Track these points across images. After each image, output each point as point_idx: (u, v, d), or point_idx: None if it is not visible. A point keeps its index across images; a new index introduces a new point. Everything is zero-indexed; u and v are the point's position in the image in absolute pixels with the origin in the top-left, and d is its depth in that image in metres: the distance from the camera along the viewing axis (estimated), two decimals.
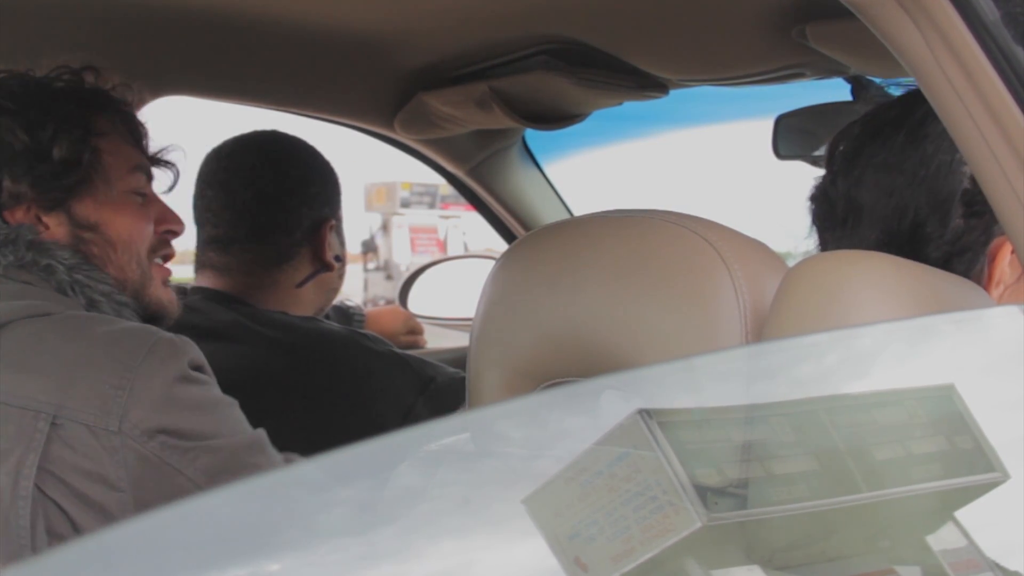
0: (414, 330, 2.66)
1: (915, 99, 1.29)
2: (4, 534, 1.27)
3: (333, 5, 1.77)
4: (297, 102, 2.27)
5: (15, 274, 1.41)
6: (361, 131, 2.39)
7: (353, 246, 13.40)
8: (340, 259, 2.09)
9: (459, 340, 2.63)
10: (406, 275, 2.75)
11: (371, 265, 14.48)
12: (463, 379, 1.24)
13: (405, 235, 14.50)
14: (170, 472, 1.32)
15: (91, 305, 1.43)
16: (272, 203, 1.97)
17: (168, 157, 1.64)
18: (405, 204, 14.65)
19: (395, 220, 14.54)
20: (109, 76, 1.60)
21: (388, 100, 2.20)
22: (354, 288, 13.03)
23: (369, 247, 14.59)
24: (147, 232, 1.54)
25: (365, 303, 11.25)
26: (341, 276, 2.12)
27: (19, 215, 1.47)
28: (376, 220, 14.74)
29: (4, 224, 1.44)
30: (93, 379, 1.32)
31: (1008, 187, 0.94)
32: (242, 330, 1.91)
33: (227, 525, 0.59)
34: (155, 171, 1.63)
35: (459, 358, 1.79)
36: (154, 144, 1.61)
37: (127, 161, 1.54)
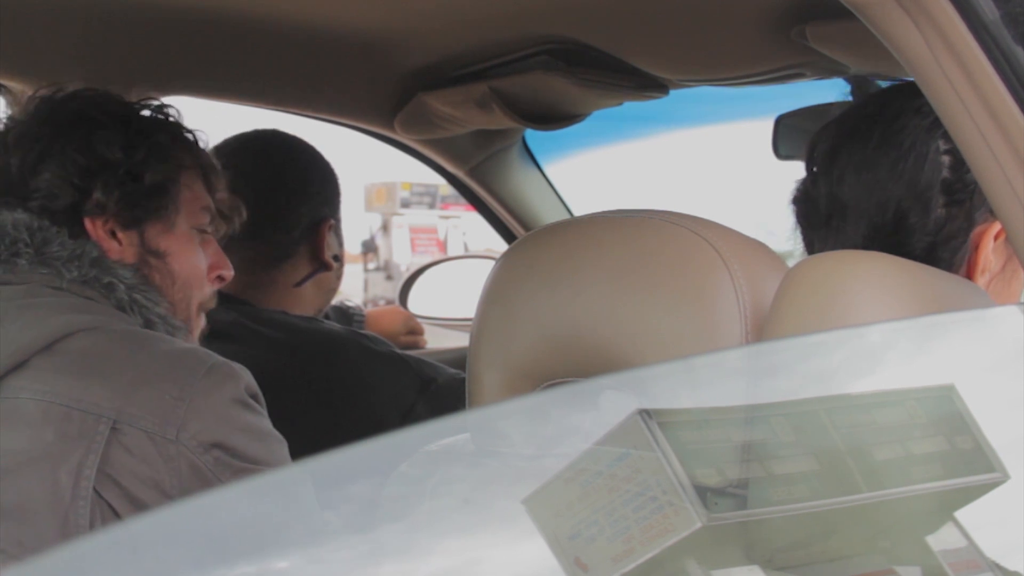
0: (414, 330, 2.66)
1: (888, 95, 1.31)
2: (63, 533, 1.31)
3: (333, 5, 1.77)
4: (297, 102, 2.27)
5: (78, 289, 1.46)
6: (361, 131, 2.39)
7: (353, 246, 13.37)
8: (338, 259, 2.10)
9: (459, 340, 2.63)
10: (406, 275, 2.75)
11: (371, 265, 14.46)
12: (463, 379, 1.24)
13: (405, 235, 14.48)
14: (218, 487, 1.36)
15: (148, 325, 1.49)
16: (272, 201, 1.97)
17: (225, 209, 1.69)
18: (405, 204, 14.63)
19: (395, 220, 14.52)
20: (183, 119, 1.67)
21: (388, 100, 2.20)
22: (354, 288, 13.01)
23: (369, 247, 14.58)
24: (202, 273, 1.61)
25: (365, 303, 11.24)
26: (339, 277, 2.12)
27: (98, 225, 1.52)
28: (376, 220, 14.73)
29: (71, 240, 1.49)
30: (154, 389, 1.37)
31: (1008, 187, 0.95)
32: (242, 330, 1.91)
33: (236, 523, 0.59)
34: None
35: (459, 358, 1.79)
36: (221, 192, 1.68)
37: (199, 199, 1.61)
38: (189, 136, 1.62)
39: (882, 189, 1.26)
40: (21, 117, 1.58)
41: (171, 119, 1.63)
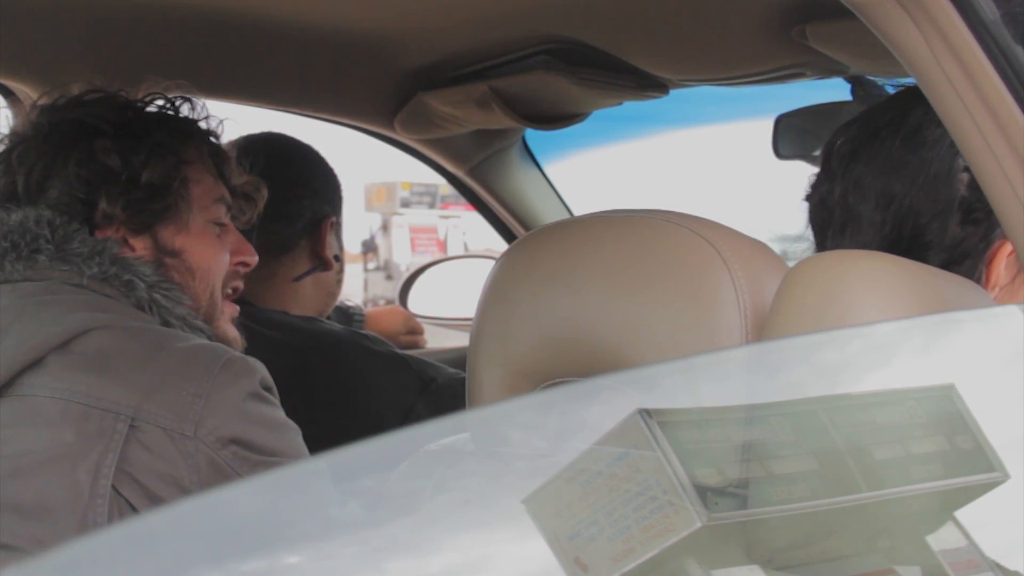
0: (414, 330, 2.66)
1: (911, 100, 1.29)
2: (82, 531, 1.31)
3: (333, 5, 1.77)
4: (297, 102, 2.27)
5: (97, 286, 1.45)
6: (361, 131, 2.39)
7: (353, 246, 13.38)
8: (339, 260, 2.10)
9: (459, 340, 2.63)
10: (406, 275, 2.75)
11: (371, 265, 14.47)
12: (464, 379, 1.24)
13: (405, 235, 14.50)
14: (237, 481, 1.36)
15: (165, 325, 1.48)
16: (275, 192, 1.97)
17: (249, 191, 1.68)
18: (405, 204, 14.65)
19: (395, 220, 14.54)
20: (201, 106, 1.64)
21: (388, 100, 2.20)
22: (354, 288, 13.02)
23: (369, 247, 14.59)
24: (224, 262, 1.59)
25: (365, 303, 11.24)
26: (340, 280, 2.13)
27: (108, 234, 1.51)
28: (376, 220, 14.74)
29: (91, 237, 1.49)
30: (172, 386, 1.37)
31: (1008, 187, 0.95)
32: (243, 330, 1.91)
33: (246, 519, 0.59)
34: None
35: (459, 358, 1.79)
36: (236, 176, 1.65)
37: (211, 191, 1.59)
38: (193, 128, 1.60)
39: (900, 202, 1.23)
40: (23, 132, 1.56)
41: (175, 112, 1.61)
